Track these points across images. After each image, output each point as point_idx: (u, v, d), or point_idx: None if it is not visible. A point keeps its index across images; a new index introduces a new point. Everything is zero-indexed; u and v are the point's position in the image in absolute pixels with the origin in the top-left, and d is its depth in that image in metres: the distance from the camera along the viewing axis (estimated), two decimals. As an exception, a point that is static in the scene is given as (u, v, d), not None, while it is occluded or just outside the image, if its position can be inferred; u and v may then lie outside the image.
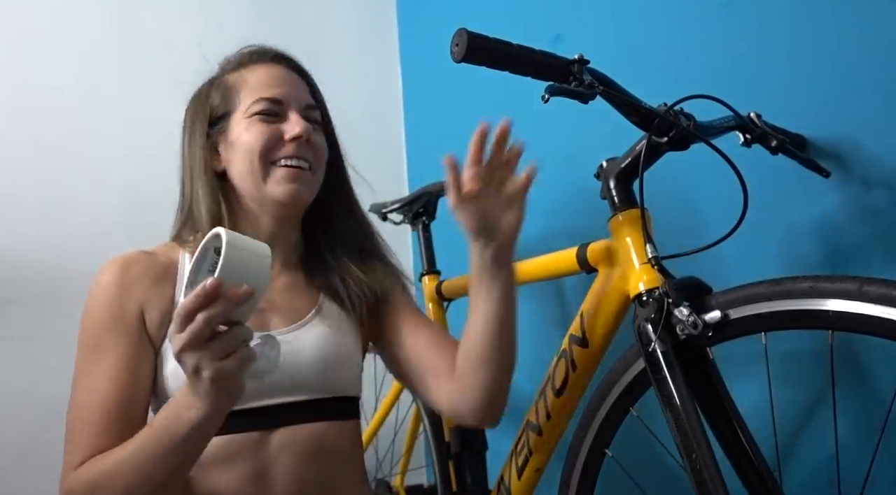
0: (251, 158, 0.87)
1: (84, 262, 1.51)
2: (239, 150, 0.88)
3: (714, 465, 0.71)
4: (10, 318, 1.43)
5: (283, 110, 0.89)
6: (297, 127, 0.87)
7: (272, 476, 0.82)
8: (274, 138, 0.87)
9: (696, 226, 1.10)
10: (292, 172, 0.87)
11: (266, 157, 0.87)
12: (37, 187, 1.50)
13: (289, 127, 0.88)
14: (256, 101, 0.88)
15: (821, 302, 0.67)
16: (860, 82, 0.91)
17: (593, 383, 0.95)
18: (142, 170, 1.61)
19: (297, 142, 0.87)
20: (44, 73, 1.55)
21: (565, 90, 0.77)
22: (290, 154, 0.87)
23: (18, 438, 1.39)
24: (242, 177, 0.89)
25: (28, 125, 1.51)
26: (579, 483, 0.94)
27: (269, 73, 0.92)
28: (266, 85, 0.90)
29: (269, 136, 0.87)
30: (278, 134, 0.88)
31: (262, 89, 0.89)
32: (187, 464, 0.73)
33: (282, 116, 0.89)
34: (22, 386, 1.41)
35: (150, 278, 0.85)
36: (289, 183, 0.87)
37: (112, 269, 0.84)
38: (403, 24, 2.05)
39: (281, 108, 0.89)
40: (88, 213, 1.54)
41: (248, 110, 0.88)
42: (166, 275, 0.86)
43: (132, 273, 0.84)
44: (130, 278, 0.83)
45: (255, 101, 0.88)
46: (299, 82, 0.94)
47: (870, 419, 0.89)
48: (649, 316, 0.79)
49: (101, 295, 0.83)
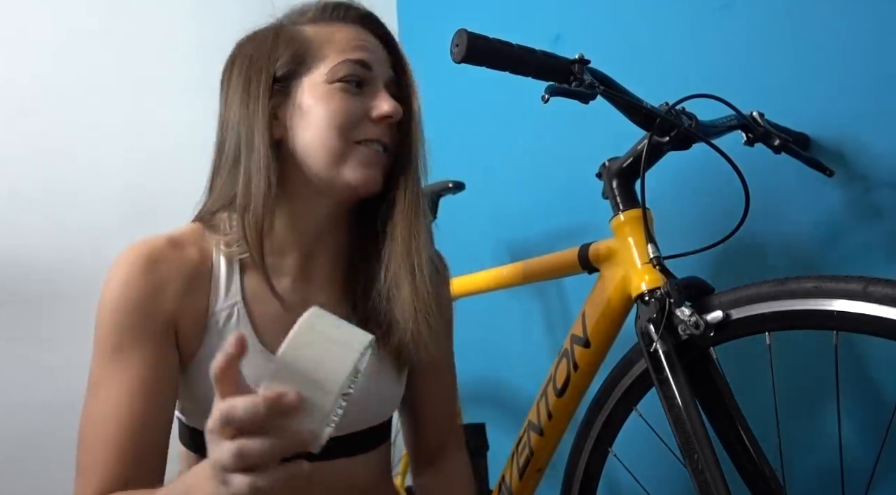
0: (329, 134, 0.73)
1: (84, 262, 1.53)
2: (313, 121, 0.74)
3: (716, 466, 0.71)
4: (10, 318, 1.43)
5: (372, 80, 0.77)
6: (387, 105, 0.75)
7: None
8: (360, 114, 0.75)
9: (698, 225, 1.10)
10: (374, 155, 0.75)
11: (348, 135, 0.74)
12: (37, 187, 1.50)
13: (377, 103, 0.75)
14: (342, 62, 0.74)
15: (825, 302, 0.67)
16: (864, 81, 0.90)
17: (594, 383, 0.95)
18: (142, 171, 1.61)
19: (386, 122, 0.76)
20: (44, 73, 1.55)
21: (565, 90, 0.76)
22: (374, 136, 0.75)
23: (18, 438, 1.39)
24: (313, 152, 0.74)
25: (28, 125, 1.51)
26: (582, 482, 0.94)
27: (358, 34, 0.78)
28: (355, 46, 0.76)
29: (354, 111, 0.74)
30: (364, 109, 0.75)
31: (351, 50, 0.75)
32: None
33: (368, 88, 0.76)
34: (22, 386, 1.41)
35: (183, 282, 0.73)
36: (368, 167, 0.75)
37: (136, 262, 0.72)
38: (403, 24, 2.05)
39: (369, 76, 0.76)
40: (89, 214, 1.53)
41: (330, 73, 0.74)
42: (199, 278, 0.75)
43: (161, 272, 0.72)
44: (160, 278, 0.72)
45: (341, 62, 0.74)
46: (385, 51, 0.80)
47: (874, 419, 0.89)
48: (651, 316, 0.79)
49: (124, 290, 0.71)
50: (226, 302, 0.75)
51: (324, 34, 0.77)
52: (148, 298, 0.71)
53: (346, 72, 0.74)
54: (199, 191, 0.84)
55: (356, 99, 0.75)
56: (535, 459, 1.00)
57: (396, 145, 0.78)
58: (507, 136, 1.54)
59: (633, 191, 0.88)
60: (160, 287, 0.72)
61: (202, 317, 0.74)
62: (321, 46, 0.76)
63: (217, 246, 0.77)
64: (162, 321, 0.71)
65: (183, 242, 0.76)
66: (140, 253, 0.73)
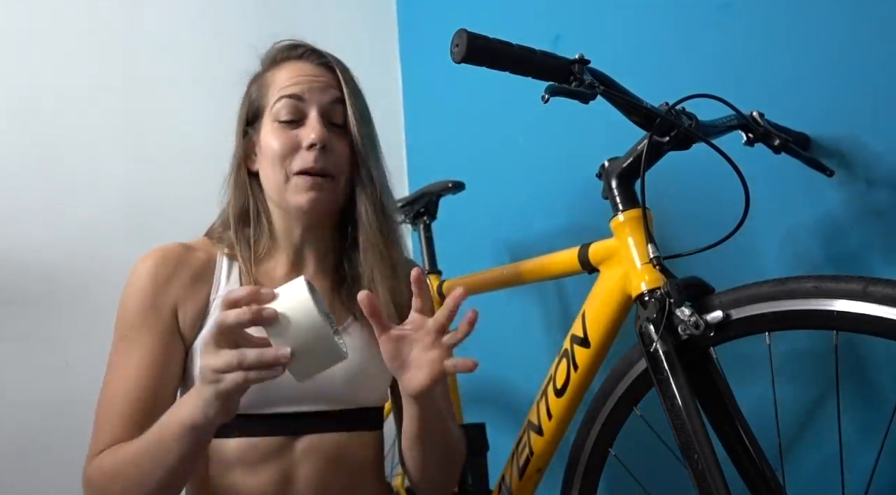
0: (272, 167, 0.86)
1: (84, 263, 1.53)
2: (266, 156, 0.87)
3: (716, 466, 0.71)
4: (10, 318, 1.43)
5: (305, 110, 0.87)
6: (313, 133, 0.85)
7: (295, 482, 0.83)
8: (292, 146, 0.85)
9: (698, 225, 1.10)
10: (309, 181, 0.85)
11: (285, 167, 0.85)
12: (37, 188, 1.50)
13: (305, 132, 0.86)
14: (278, 100, 0.87)
15: (826, 302, 0.67)
16: (864, 80, 0.90)
17: (594, 383, 0.95)
18: (142, 172, 1.61)
19: (313, 150, 0.85)
20: (44, 74, 1.55)
21: (565, 90, 0.76)
22: (307, 165, 0.85)
23: (18, 438, 1.39)
24: (266, 182, 0.89)
25: (28, 126, 1.51)
26: (582, 482, 0.94)
27: (297, 69, 0.89)
28: (289, 82, 0.87)
29: (287, 144, 0.85)
30: (297, 141, 0.86)
31: (285, 87, 0.87)
32: (181, 465, 0.71)
33: (303, 119, 0.87)
34: (22, 386, 1.41)
35: (188, 275, 0.85)
36: (306, 192, 0.85)
37: (150, 262, 0.84)
38: (403, 24, 2.05)
39: (302, 108, 0.87)
40: (88, 214, 1.53)
41: (272, 111, 0.87)
42: (204, 273, 0.87)
43: (170, 267, 0.84)
44: (167, 272, 0.84)
45: (277, 100, 0.87)
46: (328, 77, 0.90)
47: (873, 419, 0.89)
48: (651, 316, 0.79)
49: (137, 286, 0.83)
50: (224, 289, 0.87)
51: (273, 77, 0.90)
52: (156, 290, 0.83)
53: (279, 107, 0.87)
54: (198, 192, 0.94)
55: (291, 132, 0.86)
56: (535, 459, 1.00)
57: (343, 165, 0.88)
58: (507, 136, 1.54)
59: (632, 192, 0.88)
60: (167, 279, 0.84)
61: (203, 306, 0.86)
62: (269, 89, 0.89)
63: (221, 250, 0.91)
64: (168, 310, 0.83)
65: (194, 247, 0.90)
66: (155, 254, 0.86)
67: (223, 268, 0.89)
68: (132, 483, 0.72)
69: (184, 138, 1.67)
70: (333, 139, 0.87)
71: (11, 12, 1.53)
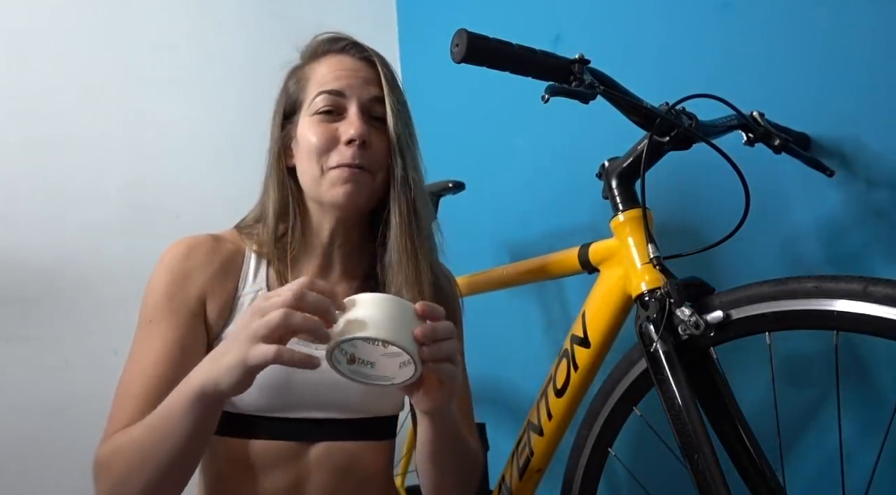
0: (309, 161, 0.84)
1: (83, 263, 1.53)
2: (303, 150, 0.86)
3: (716, 466, 0.71)
4: (10, 318, 1.43)
5: (345, 105, 0.85)
6: (352, 128, 0.83)
7: (307, 488, 0.83)
8: (331, 140, 0.84)
9: (699, 225, 1.10)
10: (346, 172, 0.83)
11: (321, 162, 0.84)
12: (37, 187, 1.50)
13: (344, 127, 0.84)
14: (318, 95, 0.85)
15: (826, 302, 0.67)
16: (864, 80, 0.90)
17: (594, 383, 0.95)
18: (141, 171, 1.61)
19: (352, 146, 0.83)
20: (43, 73, 1.55)
21: (565, 90, 0.76)
22: (345, 161, 0.83)
23: (18, 438, 1.39)
24: (303, 177, 0.87)
25: (28, 125, 1.51)
26: (582, 482, 0.94)
27: (337, 63, 0.87)
28: (330, 78, 0.86)
29: (326, 138, 0.84)
30: (336, 135, 0.84)
31: (326, 82, 0.86)
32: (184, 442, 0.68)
33: (343, 113, 0.85)
34: (22, 386, 1.41)
35: (216, 266, 0.84)
36: (343, 184, 0.83)
37: (178, 249, 0.84)
38: (403, 24, 2.05)
39: (342, 103, 0.85)
40: (88, 214, 1.53)
41: (311, 106, 0.86)
42: (231, 266, 0.86)
43: (198, 256, 0.84)
44: (195, 261, 0.83)
45: (317, 95, 0.85)
46: (369, 72, 0.88)
47: (873, 419, 0.89)
48: (651, 316, 0.79)
49: (163, 273, 0.82)
50: (252, 287, 0.86)
51: (312, 71, 0.88)
52: (182, 277, 0.82)
53: (320, 102, 0.85)
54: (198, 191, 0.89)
55: (330, 126, 0.84)
56: (535, 459, 1.00)
57: (381, 161, 0.85)
58: (507, 136, 1.54)
59: (633, 191, 0.88)
60: (195, 268, 0.83)
61: (230, 299, 0.85)
62: (308, 83, 0.88)
63: (250, 246, 0.89)
64: (193, 299, 0.82)
65: (223, 238, 0.89)
66: (184, 242, 0.85)
67: (251, 264, 0.88)
68: (135, 460, 0.69)
69: (184, 137, 1.67)
70: (372, 135, 0.85)
71: (11, 12, 1.53)
